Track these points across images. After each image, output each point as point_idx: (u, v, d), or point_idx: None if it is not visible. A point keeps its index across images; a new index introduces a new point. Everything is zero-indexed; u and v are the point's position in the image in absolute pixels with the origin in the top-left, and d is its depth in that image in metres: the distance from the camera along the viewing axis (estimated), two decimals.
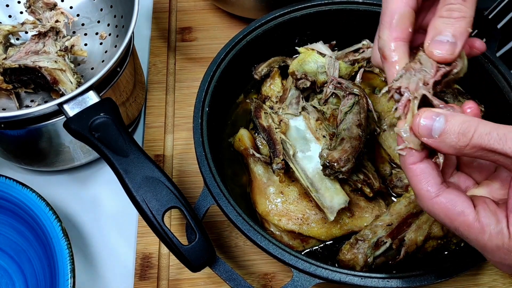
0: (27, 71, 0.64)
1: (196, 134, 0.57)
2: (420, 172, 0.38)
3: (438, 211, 0.37)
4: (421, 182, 0.38)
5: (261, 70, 0.68)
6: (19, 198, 0.59)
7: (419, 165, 0.38)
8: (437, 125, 0.36)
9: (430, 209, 0.38)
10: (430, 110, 0.37)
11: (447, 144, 0.36)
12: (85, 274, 0.63)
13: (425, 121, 0.37)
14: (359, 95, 0.61)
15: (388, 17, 0.42)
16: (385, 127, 0.64)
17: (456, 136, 0.35)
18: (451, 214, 0.37)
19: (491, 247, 0.36)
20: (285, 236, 0.58)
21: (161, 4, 0.87)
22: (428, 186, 0.38)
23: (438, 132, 0.36)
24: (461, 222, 0.37)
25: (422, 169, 0.38)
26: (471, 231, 0.36)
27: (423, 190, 0.38)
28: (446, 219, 0.37)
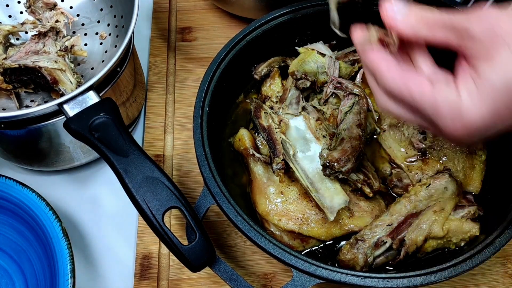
0: (27, 71, 0.64)
1: (196, 134, 0.57)
2: (382, 58, 0.41)
3: (395, 80, 0.39)
4: (382, 64, 0.40)
5: (261, 70, 0.68)
6: (19, 198, 0.59)
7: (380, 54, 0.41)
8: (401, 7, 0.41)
9: (388, 79, 0.39)
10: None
11: (406, 24, 0.39)
12: (85, 274, 0.63)
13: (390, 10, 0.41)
14: (359, 95, 0.62)
15: None
16: (385, 127, 0.64)
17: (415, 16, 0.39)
18: (408, 81, 0.38)
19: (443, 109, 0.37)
20: (285, 236, 0.58)
21: (161, 4, 0.87)
22: (389, 66, 0.40)
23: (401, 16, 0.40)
24: (416, 89, 0.38)
25: (383, 56, 0.41)
26: (425, 93, 0.38)
27: (384, 69, 0.40)
28: (403, 87, 0.39)
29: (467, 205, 0.58)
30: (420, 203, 0.56)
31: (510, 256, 0.62)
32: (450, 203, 0.56)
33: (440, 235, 0.55)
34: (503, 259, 0.62)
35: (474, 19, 0.37)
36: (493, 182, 0.61)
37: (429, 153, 0.61)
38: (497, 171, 0.61)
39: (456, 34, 0.38)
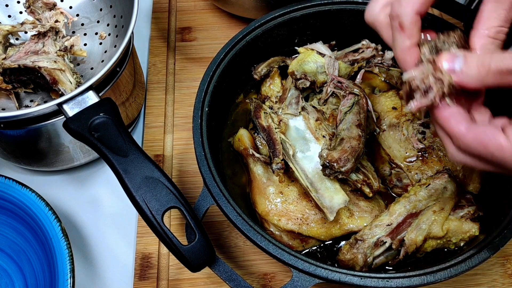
0: (26, 71, 0.64)
1: (195, 134, 0.57)
2: (450, 115, 0.41)
3: (472, 143, 0.39)
4: (452, 122, 0.40)
5: (260, 70, 0.68)
6: (19, 198, 0.59)
7: (445, 110, 0.41)
8: (457, 62, 0.39)
9: (465, 142, 0.39)
10: (448, 53, 0.41)
11: (469, 76, 0.39)
12: (85, 274, 0.63)
13: (447, 62, 0.40)
14: (359, 95, 0.62)
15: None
16: (384, 127, 0.64)
17: (476, 67, 0.38)
18: (484, 141, 0.38)
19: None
20: (285, 236, 0.58)
21: (161, 4, 0.87)
22: (458, 123, 0.40)
23: (460, 67, 0.39)
24: (494, 146, 0.38)
25: (450, 112, 0.41)
26: (506, 152, 0.37)
27: (455, 128, 0.40)
28: (481, 148, 0.39)
29: (467, 205, 0.58)
30: (419, 203, 0.56)
31: (510, 256, 0.62)
32: (450, 203, 0.56)
33: (440, 235, 0.55)
34: (502, 259, 0.62)
35: None
36: (492, 182, 0.60)
37: (428, 153, 0.61)
38: None
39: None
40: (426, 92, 0.41)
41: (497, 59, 0.38)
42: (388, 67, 0.69)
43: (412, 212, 0.55)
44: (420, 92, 0.42)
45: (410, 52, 0.43)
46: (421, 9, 0.43)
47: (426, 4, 0.43)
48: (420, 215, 0.55)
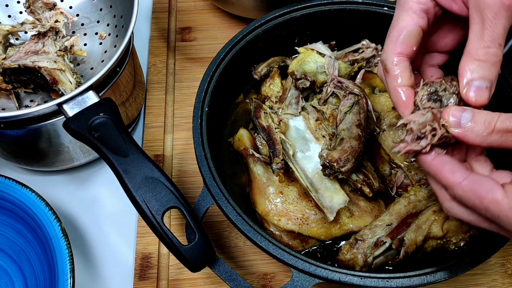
0: (26, 71, 0.64)
1: (195, 134, 0.57)
2: (442, 164, 0.40)
3: (467, 193, 0.38)
4: (445, 170, 0.40)
5: (260, 70, 0.68)
6: (19, 198, 0.59)
7: (438, 159, 0.41)
8: (466, 116, 0.39)
9: (460, 193, 0.39)
10: (457, 107, 0.40)
11: (474, 133, 0.38)
12: (85, 274, 0.63)
13: (454, 115, 0.40)
14: (359, 95, 0.61)
15: (396, 32, 0.44)
16: (384, 127, 0.64)
17: (482, 125, 0.38)
18: (480, 192, 0.38)
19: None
20: (285, 236, 0.58)
21: (161, 4, 0.87)
22: (453, 171, 0.40)
23: (466, 123, 0.39)
24: (490, 200, 0.37)
25: (442, 160, 0.41)
26: (501, 208, 0.37)
27: (450, 178, 0.39)
28: (476, 200, 0.38)
29: None
30: (419, 203, 0.56)
31: (510, 256, 0.62)
32: None
33: (440, 235, 0.54)
34: (503, 259, 0.62)
35: None
36: None
37: None
38: None
39: None
40: (419, 138, 0.41)
41: (503, 119, 0.38)
42: None
43: (412, 212, 0.55)
44: (412, 137, 0.42)
45: (402, 93, 0.44)
46: (403, 51, 0.44)
47: (406, 45, 0.44)
48: (420, 215, 0.55)
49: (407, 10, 0.44)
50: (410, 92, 0.44)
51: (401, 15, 0.44)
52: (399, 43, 0.44)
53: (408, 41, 0.44)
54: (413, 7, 0.44)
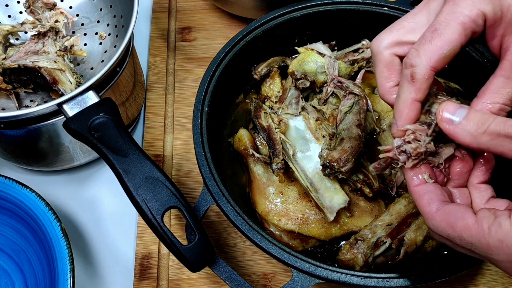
0: (26, 71, 0.64)
1: (195, 134, 0.57)
2: (422, 192, 0.40)
3: (439, 223, 0.38)
4: (423, 200, 0.39)
5: (260, 70, 0.68)
6: (19, 198, 0.59)
7: (421, 187, 0.40)
8: (460, 112, 0.38)
9: (433, 223, 0.38)
10: (453, 102, 0.39)
11: (466, 131, 0.37)
12: (85, 274, 0.63)
13: (448, 110, 0.38)
14: (359, 95, 0.61)
15: (441, 42, 0.39)
16: (384, 127, 0.64)
17: (475, 124, 0.37)
18: (452, 221, 0.37)
19: (493, 244, 0.35)
20: (285, 236, 0.58)
21: (161, 4, 0.87)
22: (430, 202, 0.39)
23: (460, 118, 0.37)
24: (462, 227, 0.37)
25: (423, 189, 0.40)
26: (473, 233, 0.36)
27: (425, 207, 0.39)
28: (449, 229, 0.37)
29: None
30: None
31: None
32: None
33: None
34: None
35: None
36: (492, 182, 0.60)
37: None
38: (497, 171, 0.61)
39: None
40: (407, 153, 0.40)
41: (498, 121, 0.36)
42: None
43: (412, 212, 0.55)
44: (400, 150, 0.41)
45: (412, 107, 0.40)
46: (437, 65, 0.39)
47: (444, 61, 0.39)
48: (420, 215, 0.55)
49: (458, 21, 0.39)
50: (419, 107, 0.41)
51: (452, 23, 0.39)
52: (440, 57, 0.39)
53: (448, 58, 0.39)
54: (465, 22, 0.38)
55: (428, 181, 0.40)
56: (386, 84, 0.44)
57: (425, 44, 0.39)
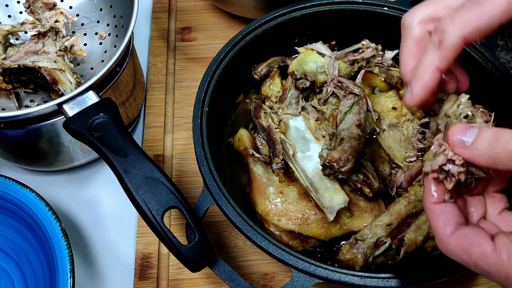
0: (26, 71, 0.64)
1: (195, 134, 0.57)
2: (440, 212, 0.37)
3: (454, 247, 0.36)
4: (439, 221, 0.37)
5: (260, 70, 0.68)
6: (19, 198, 0.59)
7: (439, 206, 0.38)
8: (470, 135, 0.35)
9: (447, 247, 0.36)
10: (463, 123, 0.37)
11: (480, 152, 0.34)
12: (85, 274, 0.63)
13: (458, 133, 0.36)
14: (359, 95, 0.62)
15: (479, 13, 0.36)
16: (384, 127, 0.64)
17: (489, 142, 0.34)
18: (467, 247, 0.35)
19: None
20: (285, 236, 0.58)
21: (161, 4, 0.87)
22: (446, 224, 0.37)
23: (471, 140, 0.35)
24: (478, 255, 0.34)
25: (441, 209, 0.37)
26: (490, 262, 0.34)
27: (440, 228, 0.37)
28: (464, 255, 0.35)
29: None
30: (419, 203, 0.56)
31: None
32: None
33: None
34: None
35: None
36: None
37: None
38: None
39: None
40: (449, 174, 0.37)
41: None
42: (388, 67, 0.69)
43: (412, 212, 0.55)
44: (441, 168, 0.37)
45: (433, 76, 0.38)
46: (470, 37, 0.36)
47: (478, 34, 0.36)
48: (420, 215, 0.55)
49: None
50: (439, 79, 0.38)
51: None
52: (475, 29, 0.36)
53: (483, 32, 0.36)
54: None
55: (447, 200, 0.38)
56: (411, 62, 0.40)
57: (462, 13, 0.37)
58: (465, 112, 0.39)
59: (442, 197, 0.38)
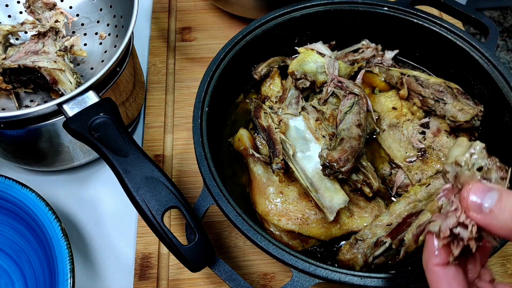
0: (26, 71, 0.64)
1: (195, 134, 0.57)
2: (443, 275, 0.34)
3: None
4: (441, 285, 0.34)
5: (260, 70, 0.69)
6: (19, 198, 0.59)
7: (444, 268, 0.34)
8: (489, 199, 0.32)
9: None
10: (481, 183, 0.33)
11: (500, 222, 0.31)
12: (85, 274, 0.63)
13: (474, 195, 0.32)
14: (359, 95, 0.62)
15: None
16: (384, 127, 0.64)
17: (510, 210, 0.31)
18: None
19: None
20: (285, 236, 0.58)
21: (161, 4, 0.87)
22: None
23: (490, 207, 0.31)
24: None
25: (446, 272, 0.34)
26: None
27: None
28: None
29: None
30: (419, 203, 0.56)
31: (510, 256, 0.62)
32: None
33: None
34: (503, 259, 0.62)
35: None
36: None
37: (428, 153, 0.61)
38: None
39: None
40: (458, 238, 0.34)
41: None
42: (388, 67, 0.69)
43: (412, 212, 0.55)
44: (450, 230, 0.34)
45: None
46: None
47: None
48: (420, 215, 0.55)
49: None
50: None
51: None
52: None
53: None
54: None
55: (451, 262, 0.35)
56: None
57: None
58: (479, 163, 0.35)
59: (447, 259, 0.34)
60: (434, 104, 0.62)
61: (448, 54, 0.67)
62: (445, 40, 0.66)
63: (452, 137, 0.62)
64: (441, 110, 0.62)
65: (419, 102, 0.64)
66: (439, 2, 0.68)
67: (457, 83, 0.65)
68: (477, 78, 0.64)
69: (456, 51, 0.65)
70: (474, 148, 0.36)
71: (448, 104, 0.61)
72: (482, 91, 0.64)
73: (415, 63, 0.73)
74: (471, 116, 0.60)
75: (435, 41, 0.67)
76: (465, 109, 0.60)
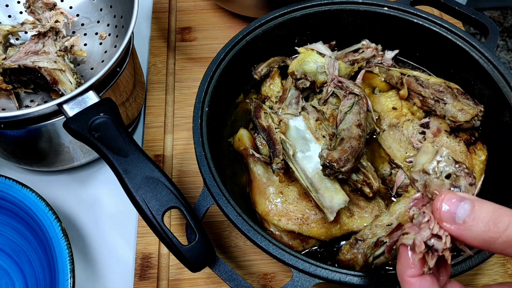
0: (26, 71, 0.64)
1: (195, 134, 0.57)
2: (418, 285, 0.34)
3: None
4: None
5: (260, 70, 0.69)
6: (19, 198, 0.59)
7: (419, 279, 0.34)
8: (461, 210, 0.31)
9: None
10: (453, 193, 0.32)
11: (473, 233, 0.30)
12: (85, 274, 0.63)
13: (447, 206, 0.32)
14: (359, 95, 0.62)
15: None
16: (384, 127, 0.64)
17: (486, 224, 0.30)
18: None
19: None
20: (285, 236, 0.58)
21: (161, 4, 0.87)
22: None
23: (463, 218, 0.31)
24: None
25: (421, 283, 0.34)
26: None
27: None
28: None
29: None
30: None
31: None
32: None
33: None
34: (503, 259, 0.62)
35: None
36: (492, 182, 0.61)
37: None
38: (497, 171, 0.61)
39: None
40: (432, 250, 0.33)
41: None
42: (388, 67, 0.69)
43: None
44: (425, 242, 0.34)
45: None
46: None
47: None
48: None
49: None
50: None
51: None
52: None
53: None
54: None
55: (426, 272, 0.34)
56: None
57: None
58: (447, 170, 0.35)
59: (422, 269, 0.34)
60: (434, 104, 0.62)
61: (448, 54, 0.67)
62: (445, 40, 0.66)
63: (452, 137, 0.62)
64: (441, 110, 0.62)
65: (419, 102, 0.64)
66: (439, 2, 0.68)
67: (457, 83, 0.65)
68: (477, 78, 0.64)
69: (456, 51, 0.65)
70: (441, 155, 0.35)
71: (448, 104, 0.61)
72: (482, 91, 0.64)
73: (415, 63, 0.73)
74: (471, 116, 0.60)
75: (435, 41, 0.67)
76: (465, 109, 0.60)
